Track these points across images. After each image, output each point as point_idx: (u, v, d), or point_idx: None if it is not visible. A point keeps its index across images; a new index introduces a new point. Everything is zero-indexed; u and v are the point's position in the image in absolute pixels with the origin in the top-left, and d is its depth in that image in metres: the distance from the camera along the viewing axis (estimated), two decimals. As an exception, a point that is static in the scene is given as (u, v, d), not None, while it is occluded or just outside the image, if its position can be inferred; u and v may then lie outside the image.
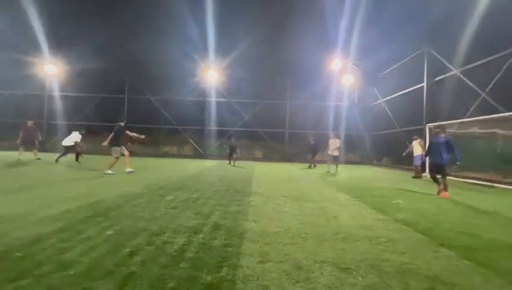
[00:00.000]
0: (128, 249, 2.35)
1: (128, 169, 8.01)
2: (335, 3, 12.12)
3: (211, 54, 16.31)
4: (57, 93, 18.07)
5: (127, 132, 8.07)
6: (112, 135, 8.09)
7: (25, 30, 14.80)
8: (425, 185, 7.88)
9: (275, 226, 3.21)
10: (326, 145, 11.36)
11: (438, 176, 5.91)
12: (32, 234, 2.60)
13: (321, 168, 12.09)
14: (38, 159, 11.04)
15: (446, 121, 10.20)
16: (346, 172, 11.55)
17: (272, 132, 18.47)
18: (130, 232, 2.80)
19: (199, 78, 17.79)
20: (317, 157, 13.29)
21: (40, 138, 11.94)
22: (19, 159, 10.36)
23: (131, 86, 18.21)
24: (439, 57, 11.47)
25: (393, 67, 15.31)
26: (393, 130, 15.10)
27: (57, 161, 10.40)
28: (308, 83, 17.78)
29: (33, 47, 16.02)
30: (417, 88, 12.86)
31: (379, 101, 16.87)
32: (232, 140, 13.88)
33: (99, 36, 14.88)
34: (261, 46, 15.04)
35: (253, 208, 4.14)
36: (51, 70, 17.42)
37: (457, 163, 5.69)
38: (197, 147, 18.23)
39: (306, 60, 16.09)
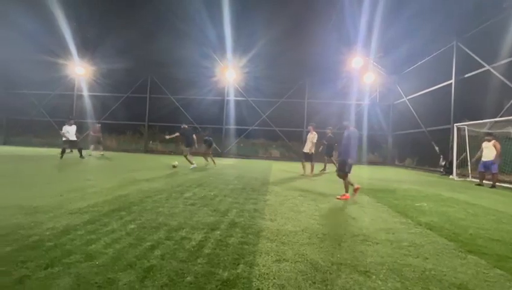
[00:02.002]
0: (149, 243, 2.44)
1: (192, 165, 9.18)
2: (355, -1, 11.74)
3: (229, 53, 16.44)
4: (85, 93, 19.10)
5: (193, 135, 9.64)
6: (183, 136, 9.50)
7: (57, 35, 15.79)
8: (453, 188, 7.47)
9: (291, 226, 3.19)
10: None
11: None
12: (63, 225, 2.77)
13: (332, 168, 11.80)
14: (102, 154, 12.55)
15: (476, 120, 9.59)
16: (366, 173, 11.21)
17: (289, 131, 18.32)
18: (151, 226, 2.90)
19: (218, 78, 18.03)
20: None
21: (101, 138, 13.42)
22: (90, 155, 11.81)
23: (153, 85, 18.83)
24: (469, 52, 10.78)
25: (419, 63, 14.61)
26: (417, 130, 14.43)
27: (62, 156, 10.55)
28: (327, 81, 17.44)
29: (64, 50, 17.02)
30: (444, 85, 12.18)
31: (402, 100, 16.19)
32: (207, 133, 11.05)
33: (122, 38, 15.57)
34: (279, 44, 14.92)
35: (270, 206, 4.13)
36: (80, 71, 18.42)
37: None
38: (215, 145, 18.52)
39: (325, 58, 15.76)
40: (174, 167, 8.87)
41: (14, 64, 17.25)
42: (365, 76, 17.18)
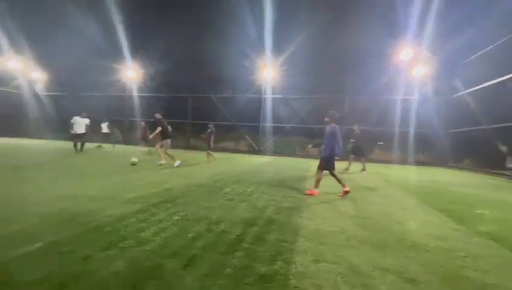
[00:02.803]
0: (191, 234, 2.60)
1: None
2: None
3: (267, 50, 16.46)
4: (135, 93, 20.87)
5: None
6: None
7: (110, 40, 17.62)
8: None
9: (330, 226, 3.10)
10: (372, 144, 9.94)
11: None
12: (117, 213, 3.09)
13: (372, 168, 11.07)
14: (148, 150, 13.38)
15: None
16: (414, 174, 10.32)
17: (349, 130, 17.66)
18: (193, 219, 3.08)
19: (256, 76, 18.19)
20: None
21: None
22: (140, 151, 12.74)
23: (194, 85, 19.74)
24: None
25: (480, 53, 12.88)
26: (477, 127, 12.78)
27: (77, 149, 10.69)
28: (372, 75, 16.37)
29: (116, 55, 18.91)
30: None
31: (460, 93, 14.45)
32: (211, 126, 10.76)
33: (166, 41, 16.74)
34: (319, 38, 14.46)
35: (308, 205, 4.07)
36: (131, 74, 20.18)
37: None
38: (252, 142, 18.77)
39: (369, 50, 14.81)
40: (133, 164, 7.85)
41: (79, 68, 19.64)
42: (415, 69, 15.73)
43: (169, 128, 8.68)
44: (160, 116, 8.36)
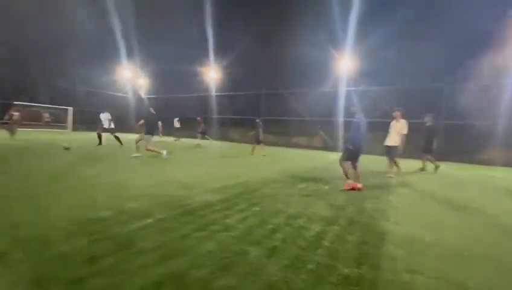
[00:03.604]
0: (270, 226, 2.70)
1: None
2: None
3: (348, 39, 15.33)
4: (215, 93, 22.90)
5: None
6: None
7: (194, 46, 19.86)
8: None
9: (424, 235, 2.70)
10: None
11: None
12: (206, 200, 3.48)
13: (470, 170, 8.90)
14: (199, 144, 14.79)
15: None
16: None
17: (417, 123, 15.29)
18: (271, 211, 3.19)
19: (331, 68, 17.32)
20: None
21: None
22: (198, 144, 14.26)
23: (267, 81, 20.22)
24: None
25: None
26: None
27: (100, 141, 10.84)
28: (477, 56, 13.28)
29: (199, 59, 21.20)
30: None
31: None
32: (258, 120, 11.06)
33: (242, 42, 17.74)
34: (414, 22, 12.59)
35: (395, 208, 3.65)
36: (213, 75, 22.20)
37: None
38: (326, 138, 18.03)
39: (476, 22, 11.99)
40: (65, 148, 8.33)
41: (175, 73, 22.92)
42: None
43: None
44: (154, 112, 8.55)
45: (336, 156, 13.26)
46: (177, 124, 18.29)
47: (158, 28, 22.51)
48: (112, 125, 10.94)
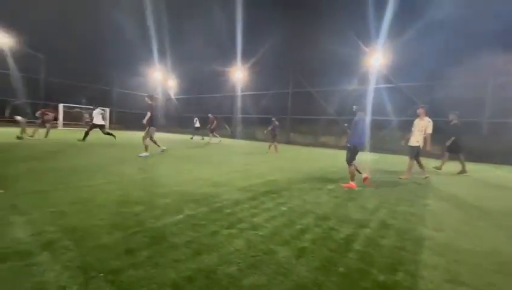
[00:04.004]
0: (299, 226, 2.65)
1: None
2: None
3: (381, 35, 14.59)
4: (241, 93, 23.12)
5: None
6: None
7: (222, 46, 20.26)
8: None
9: (469, 243, 2.48)
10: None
11: None
12: (234, 198, 3.52)
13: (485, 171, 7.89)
14: (208, 141, 15.17)
15: None
16: None
17: (466, 122, 14.01)
18: (299, 211, 3.13)
19: (360, 65, 16.63)
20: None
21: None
22: (207, 142, 14.48)
23: (295, 80, 19.96)
24: None
25: None
26: None
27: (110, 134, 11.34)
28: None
29: (225, 59, 21.56)
30: None
31: None
32: (274, 119, 11.51)
33: (270, 41, 17.67)
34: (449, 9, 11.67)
35: (433, 213, 3.40)
36: (239, 75, 22.44)
37: None
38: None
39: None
40: (18, 137, 9.27)
41: (201, 74, 23.60)
42: None
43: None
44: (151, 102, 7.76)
45: (365, 156, 12.74)
46: (197, 124, 18.70)
47: (187, 29, 23.29)
48: (103, 122, 10.95)
